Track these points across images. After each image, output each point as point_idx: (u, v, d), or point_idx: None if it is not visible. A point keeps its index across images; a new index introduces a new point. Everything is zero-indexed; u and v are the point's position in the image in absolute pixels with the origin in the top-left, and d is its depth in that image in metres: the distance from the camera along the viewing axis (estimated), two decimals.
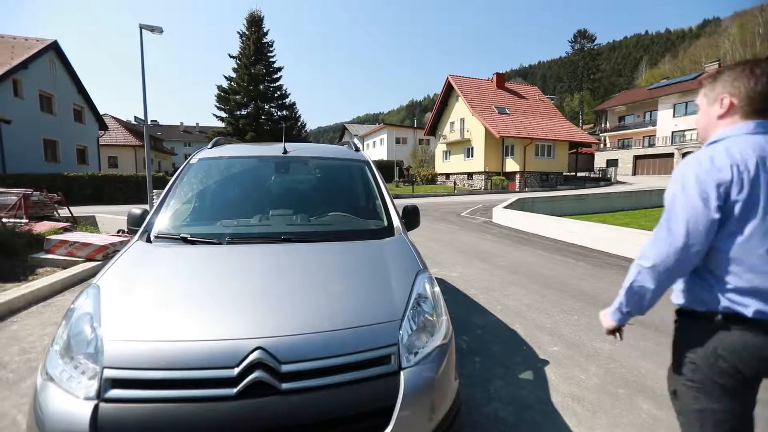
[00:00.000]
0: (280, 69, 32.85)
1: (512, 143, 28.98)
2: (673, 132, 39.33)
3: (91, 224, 9.92)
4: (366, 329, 1.48)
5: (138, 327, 1.41)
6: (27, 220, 9.08)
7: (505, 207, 12.40)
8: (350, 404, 1.31)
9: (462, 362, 2.98)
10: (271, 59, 32.59)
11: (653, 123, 42.64)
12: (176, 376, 1.27)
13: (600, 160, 43.90)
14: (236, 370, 1.28)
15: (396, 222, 2.44)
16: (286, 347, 1.36)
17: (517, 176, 28.72)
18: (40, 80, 21.76)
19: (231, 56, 32.02)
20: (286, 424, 1.24)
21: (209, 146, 3.11)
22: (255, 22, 31.97)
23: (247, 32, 31.98)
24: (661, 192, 18.80)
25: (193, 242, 2.07)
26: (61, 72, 23.86)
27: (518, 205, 13.62)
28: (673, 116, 39.80)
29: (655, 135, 41.44)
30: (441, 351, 1.57)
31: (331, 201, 2.75)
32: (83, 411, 1.21)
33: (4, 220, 8.41)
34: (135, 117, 44.49)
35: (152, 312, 1.50)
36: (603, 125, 51.69)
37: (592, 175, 36.88)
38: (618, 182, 32.64)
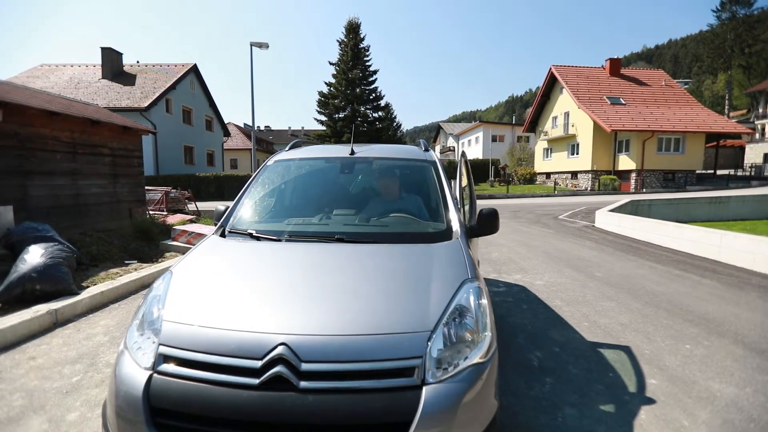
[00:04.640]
0: (375, 72, 33.98)
1: (627, 137, 25.20)
2: None
3: (210, 217, 11.66)
4: (390, 337, 1.41)
5: (189, 311, 1.58)
6: (166, 213, 11.12)
7: (612, 210, 10.85)
8: (364, 413, 1.26)
9: (529, 381, 2.68)
10: (367, 63, 33.94)
11: None
12: (211, 360, 1.38)
13: (754, 155, 35.47)
14: (260, 362, 1.34)
15: (456, 226, 2.30)
16: (308, 346, 1.37)
17: (633, 175, 24.91)
18: (183, 97, 26.42)
19: (331, 63, 34.27)
20: (299, 422, 1.25)
21: (287, 148, 3.35)
22: (353, 29, 33.62)
23: (345, 39, 33.79)
24: None
25: (257, 238, 2.25)
26: (198, 89, 28.60)
27: (629, 208, 11.83)
28: None
29: None
30: (476, 370, 1.42)
31: (392, 201, 2.71)
32: (141, 378, 1.39)
33: (151, 212, 10.44)
34: (244, 123, 50.44)
35: (202, 299, 1.66)
36: (761, 110, 41.43)
37: (738, 173, 30.01)
38: None
